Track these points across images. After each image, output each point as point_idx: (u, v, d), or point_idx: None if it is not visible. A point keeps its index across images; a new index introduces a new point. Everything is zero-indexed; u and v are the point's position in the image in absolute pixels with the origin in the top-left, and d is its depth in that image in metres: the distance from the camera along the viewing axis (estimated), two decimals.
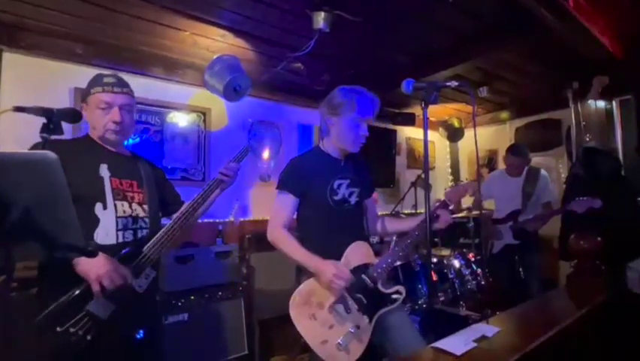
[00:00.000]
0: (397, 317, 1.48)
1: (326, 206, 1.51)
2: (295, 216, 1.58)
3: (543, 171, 2.98)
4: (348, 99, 1.50)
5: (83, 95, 1.42)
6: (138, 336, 1.32)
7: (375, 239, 3.04)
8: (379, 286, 1.46)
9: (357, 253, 1.49)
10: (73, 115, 1.09)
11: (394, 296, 1.46)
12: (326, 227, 1.52)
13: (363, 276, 1.45)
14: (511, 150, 3.00)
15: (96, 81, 1.37)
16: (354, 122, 1.50)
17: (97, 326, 1.16)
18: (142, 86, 2.64)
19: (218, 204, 1.65)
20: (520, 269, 2.94)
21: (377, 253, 1.60)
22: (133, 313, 1.27)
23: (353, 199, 1.57)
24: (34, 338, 1.13)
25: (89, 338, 1.14)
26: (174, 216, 1.57)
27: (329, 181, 1.53)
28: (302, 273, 1.49)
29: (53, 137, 1.02)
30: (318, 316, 1.35)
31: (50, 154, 0.69)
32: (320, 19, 2.15)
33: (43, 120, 0.99)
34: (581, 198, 2.50)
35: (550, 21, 2.07)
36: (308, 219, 1.55)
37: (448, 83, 1.22)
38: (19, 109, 0.91)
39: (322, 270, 1.36)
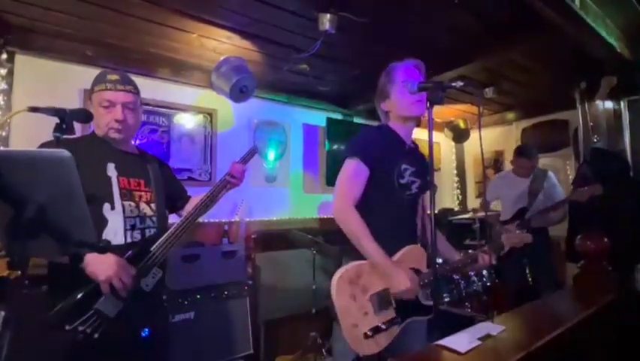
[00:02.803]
0: (416, 324, 1.45)
1: (392, 188, 1.43)
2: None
3: (550, 173, 2.98)
4: (385, 78, 1.49)
5: (88, 93, 1.41)
6: (144, 334, 1.33)
7: None
8: (419, 295, 1.42)
9: (413, 256, 1.43)
10: (86, 115, 1.11)
11: (428, 309, 1.44)
12: (387, 214, 1.43)
13: None
14: (520, 151, 2.97)
15: (99, 79, 1.35)
16: (400, 90, 1.44)
17: (104, 324, 1.17)
18: (149, 87, 2.67)
19: (225, 205, 1.67)
20: (527, 271, 2.92)
21: None
22: (139, 312, 1.28)
23: (414, 188, 1.49)
24: (44, 335, 1.15)
25: (96, 336, 1.15)
26: (182, 213, 1.59)
27: (398, 162, 1.45)
28: (348, 256, 1.42)
29: (65, 136, 1.04)
30: (358, 298, 1.30)
31: (65, 153, 0.71)
32: (326, 21, 2.17)
33: (56, 120, 1.02)
34: (582, 188, 2.53)
35: (556, 21, 2.06)
36: (368, 201, 1.42)
37: (453, 84, 1.22)
38: (33, 109, 0.94)
39: (397, 279, 1.32)
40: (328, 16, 2.15)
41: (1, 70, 2.25)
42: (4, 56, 2.27)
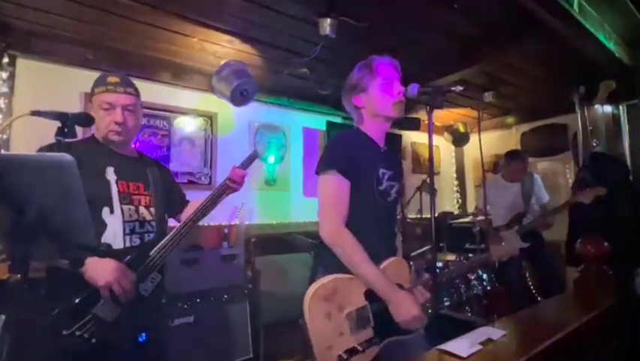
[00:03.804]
0: (400, 344, 1.30)
1: (371, 196, 1.33)
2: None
3: (535, 175, 3.07)
4: (365, 71, 1.41)
5: (89, 95, 1.40)
6: (141, 339, 1.32)
7: None
8: None
9: (395, 270, 1.31)
10: (87, 119, 1.11)
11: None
12: (366, 223, 1.31)
13: None
14: (514, 156, 3.05)
15: (100, 81, 1.35)
16: (383, 87, 1.37)
17: (102, 328, 1.17)
18: (149, 90, 2.68)
19: (225, 208, 1.66)
20: (528, 275, 2.92)
21: None
22: (137, 317, 1.27)
23: (393, 194, 1.40)
24: (43, 339, 1.14)
25: (93, 341, 1.15)
26: (180, 218, 1.59)
27: (376, 167, 1.36)
28: (322, 268, 1.32)
29: (66, 140, 1.04)
30: (334, 317, 1.18)
31: (67, 156, 0.71)
32: (326, 26, 2.18)
33: (56, 124, 1.02)
34: (586, 188, 2.55)
35: (555, 26, 2.07)
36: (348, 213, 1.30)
37: (453, 88, 1.22)
38: (36, 113, 0.93)
39: (403, 307, 1.19)
40: (328, 20, 2.17)
41: (2, 73, 2.26)
42: (6, 59, 2.28)
